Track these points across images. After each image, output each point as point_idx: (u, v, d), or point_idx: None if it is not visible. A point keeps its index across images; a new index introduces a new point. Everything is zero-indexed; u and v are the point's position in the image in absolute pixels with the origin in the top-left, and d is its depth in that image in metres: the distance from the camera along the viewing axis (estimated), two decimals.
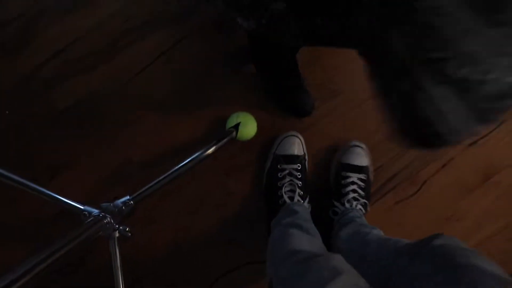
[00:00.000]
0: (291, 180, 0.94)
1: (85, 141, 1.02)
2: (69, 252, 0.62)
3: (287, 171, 0.95)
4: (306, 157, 1.00)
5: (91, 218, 0.75)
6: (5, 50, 1.01)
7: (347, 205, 0.92)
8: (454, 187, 1.07)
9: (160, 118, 1.02)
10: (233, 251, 1.04)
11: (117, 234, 0.80)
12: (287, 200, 0.92)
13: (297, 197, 0.92)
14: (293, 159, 0.96)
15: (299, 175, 0.95)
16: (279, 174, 0.95)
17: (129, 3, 1.00)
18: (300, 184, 0.94)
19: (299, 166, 0.95)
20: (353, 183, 0.94)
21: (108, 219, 0.76)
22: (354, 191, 0.94)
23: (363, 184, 0.95)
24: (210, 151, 0.88)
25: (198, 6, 0.99)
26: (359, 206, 0.92)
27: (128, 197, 0.82)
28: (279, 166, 0.96)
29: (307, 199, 0.95)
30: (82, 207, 0.80)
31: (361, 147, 0.98)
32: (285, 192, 0.93)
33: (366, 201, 0.94)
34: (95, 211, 0.78)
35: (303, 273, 0.53)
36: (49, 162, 1.02)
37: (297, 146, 0.97)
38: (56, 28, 1.00)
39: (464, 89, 0.40)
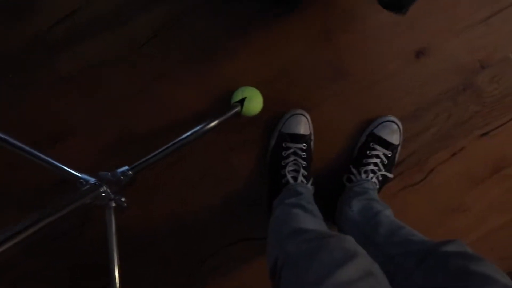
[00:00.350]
0: (295, 159, 0.91)
1: (87, 110, 0.99)
2: (63, 217, 0.61)
3: (291, 150, 0.92)
4: (312, 137, 0.97)
5: (87, 186, 0.74)
6: (10, 15, 0.99)
7: (363, 175, 0.91)
8: (462, 177, 1.04)
9: (164, 90, 0.99)
10: (232, 227, 1.02)
11: (113, 204, 0.78)
12: (291, 180, 0.89)
13: (300, 178, 0.90)
14: (299, 138, 0.93)
15: (304, 155, 0.92)
16: (283, 153, 0.92)
17: None
18: (304, 164, 0.91)
19: (304, 146, 0.92)
20: (377, 156, 0.93)
21: (105, 188, 0.74)
22: (375, 164, 0.92)
23: (386, 160, 0.93)
24: (213, 124, 0.86)
25: None
26: (374, 179, 0.91)
27: (127, 167, 0.80)
28: (284, 144, 0.93)
29: (311, 181, 0.92)
30: (79, 175, 0.78)
31: (397, 125, 0.96)
32: (288, 172, 0.90)
33: (385, 173, 0.93)
34: (92, 179, 0.76)
35: (315, 251, 0.51)
36: (50, 129, 1.00)
37: (303, 125, 0.94)
38: None
39: None
